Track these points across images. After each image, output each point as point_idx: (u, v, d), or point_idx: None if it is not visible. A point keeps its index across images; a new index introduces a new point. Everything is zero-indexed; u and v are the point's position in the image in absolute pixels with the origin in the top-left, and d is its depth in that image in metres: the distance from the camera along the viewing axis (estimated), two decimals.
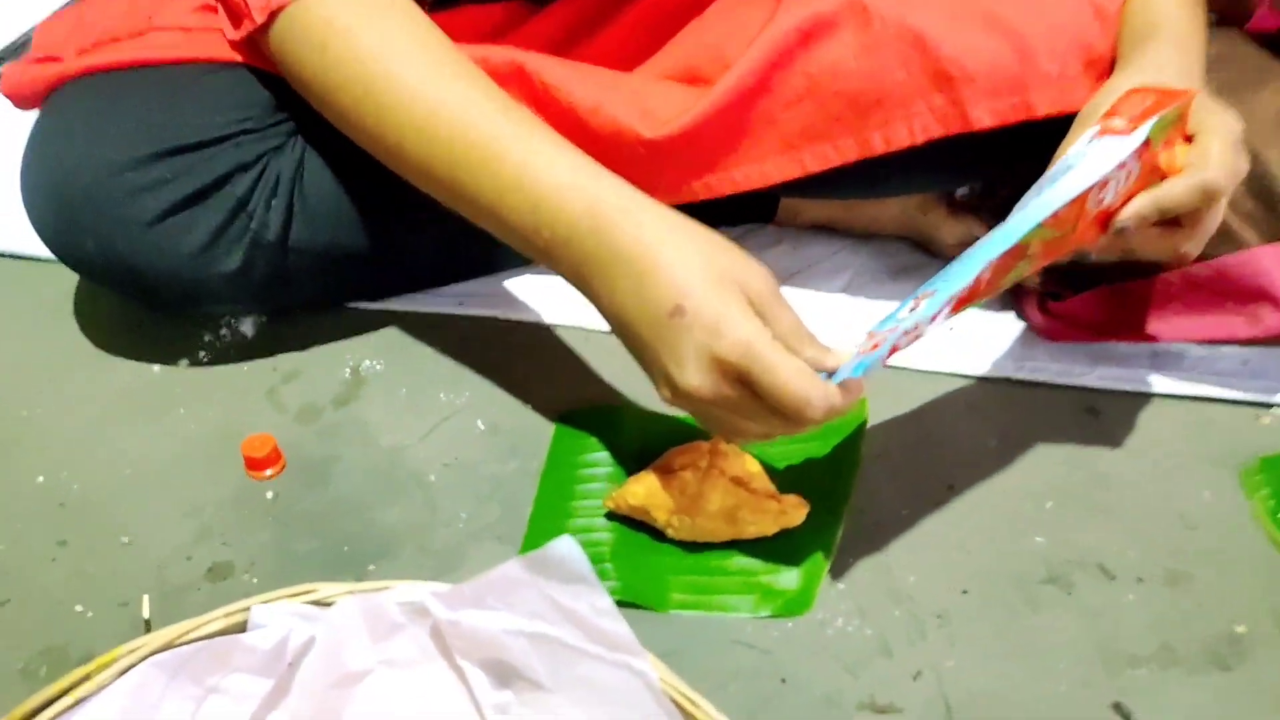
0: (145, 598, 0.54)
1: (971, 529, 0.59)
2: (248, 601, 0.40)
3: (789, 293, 0.76)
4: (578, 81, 0.67)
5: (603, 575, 0.55)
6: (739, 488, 0.56)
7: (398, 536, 0.58)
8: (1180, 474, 0.63)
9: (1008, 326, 0.74)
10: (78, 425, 0.64)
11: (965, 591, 0.56)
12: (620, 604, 0.53)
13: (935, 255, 0.79)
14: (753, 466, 0.57)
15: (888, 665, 0.52)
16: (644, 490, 0.56)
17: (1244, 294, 0.64)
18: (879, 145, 0.62)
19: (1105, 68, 0.60)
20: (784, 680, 0.52)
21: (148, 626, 0.52)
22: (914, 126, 0.61)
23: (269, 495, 0.60)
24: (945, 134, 0.61)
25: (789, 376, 0.46)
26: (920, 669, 0.52)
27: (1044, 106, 0.59)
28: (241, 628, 0.40)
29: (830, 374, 0.48)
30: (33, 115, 0.66)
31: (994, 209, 0.76)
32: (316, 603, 0.41)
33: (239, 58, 0.63)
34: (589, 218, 0.50)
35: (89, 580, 0.55)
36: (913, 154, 0.62)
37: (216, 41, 0.64)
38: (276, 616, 0.40)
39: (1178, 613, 0.55)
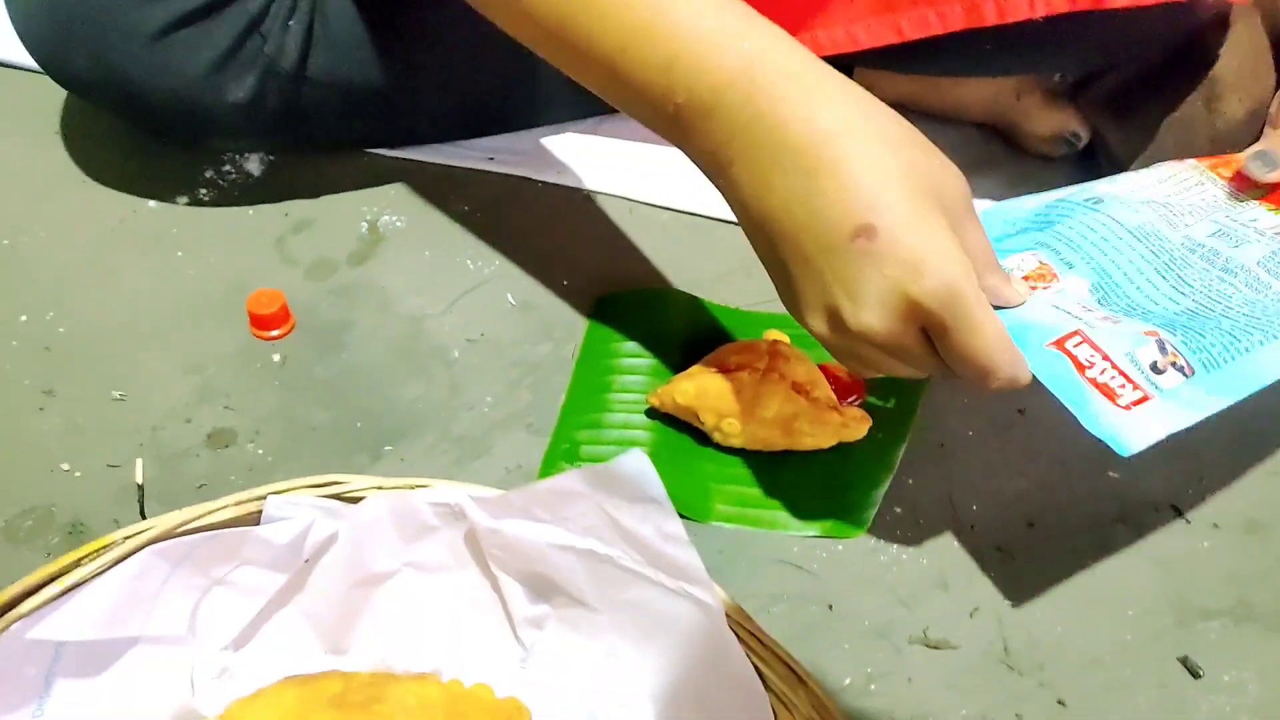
0: (139, 461, 0.49)
1: (1041, 457, 0.54)
2: (263, 490, 0.35)
3: None
4: None
5: None
6: (799, 395, 0.50)
7: (417, 416, 0.52)
8: (1267, 417, 0.58)
9: None
10: (65, 260, 0.57)
11: (1031, 524, 0.52)
12: None
13: (1019, 147, 0.72)
14: (815, 373, 0.52)
15: (944, 599, 0.48)
16: (694, 388, 0.51)
17: None
18: (991, 15, 0.54)
19: None
20: (831, 607, 0.48)
21: (140, 492, 0.47)
22: None
23: (276, 358, 0.54)
24: (1071, 9, 0.53)
25: (989, 341, 0.37)
26: (978, 605, 0.48)
27: None
28: (255, 519, 0.35)
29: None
30: None
31: (1099, 99, 0.68)
32: (340, 496, 0.35)
33: None
34: (744, 82, 0.38)
35: (78, 436, 0.50)
36: (1025, 30, 0.54)
37: None
38: (295, 509, 0.34)
39: (1257, 564, 0.51)
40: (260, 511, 0.35)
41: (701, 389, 0.50)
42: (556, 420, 0.53)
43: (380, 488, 0.35)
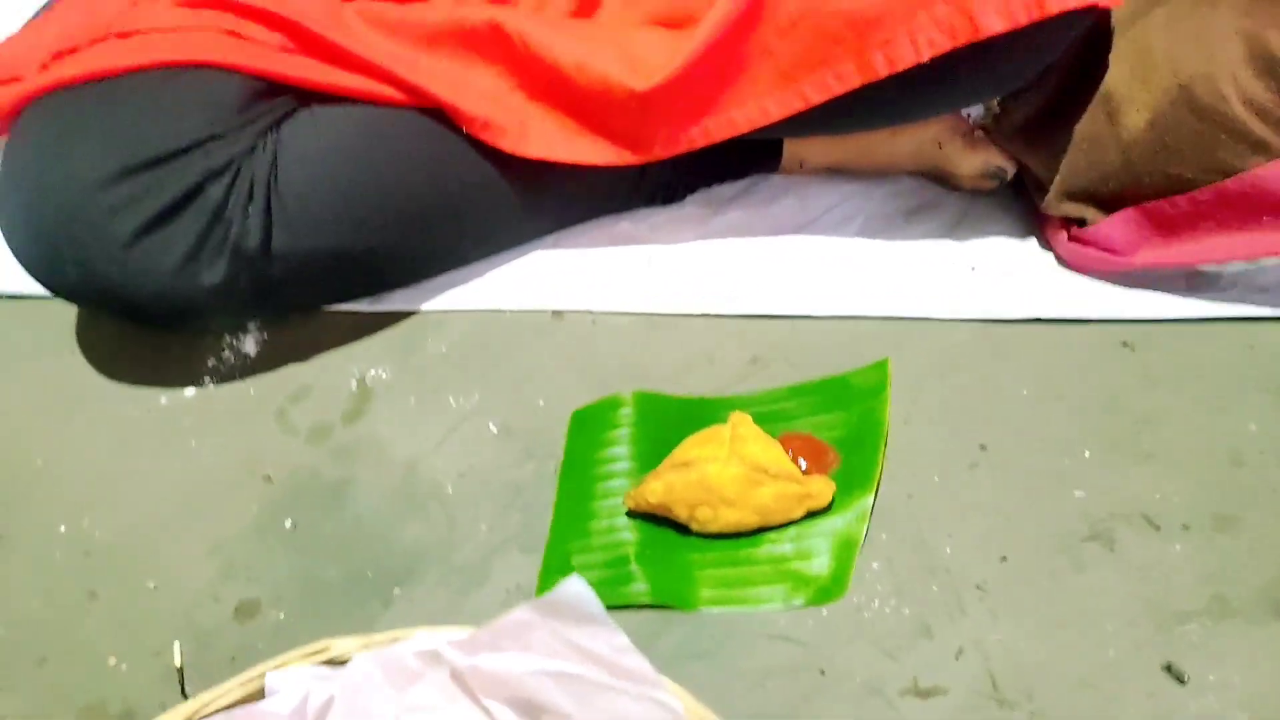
0: (176, 644, 0.54)
1: (1007, 489, 0.57)
2: (262, 667, 0.40)
3: (800, 245, 0.74)
4: (558, 37, 0.64)
5: (630, 578, 0.54)
6: (761, 474, 0.54)
7: (420, 555, 0.57)
8: (1224, 406, 0.60)
9: (1031, 259, 0.71)
10: (92, 467, 0.64)
11: (1004, 558, 0.54)
12: (651, 606, 0.53)
13: (953, 189, 0.75)
14: (774, 450, 0.55)
15: (929, 646, 0.51)
16: (663, 487, 0.54)
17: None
18: (882, 67, 0.58)
19: None
20: (823, 672, 0.50)
21: (180, 676, 0.52)
22: (919, 42, 0.57)
23: (287, 524, 0.59)
24: (954, 46, 0.56)
25: None
26: (963, 646, 0.51)
27: (1058, 2, 0.55)
28: (259, 694, 0.39)
29: None
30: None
31: (1011, 132, 0.72)
32: (331, 661, 0.40)
33: (204, 58, 0.61)
34: None
35: (121, 630, 0.55)
36: (919, 74, 0.58)
37: (179, 42, 0.61)
38: (293, 680, 0.39)
39: (1229, 560, 0.53)
40: (263, 688, 0.39)
41: (669, 486, 0.54)
42: (547, 537, 0.57)
43: (366, 646, 0.40)
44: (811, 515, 0.55)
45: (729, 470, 0.53)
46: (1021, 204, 0.74)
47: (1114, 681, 0.49)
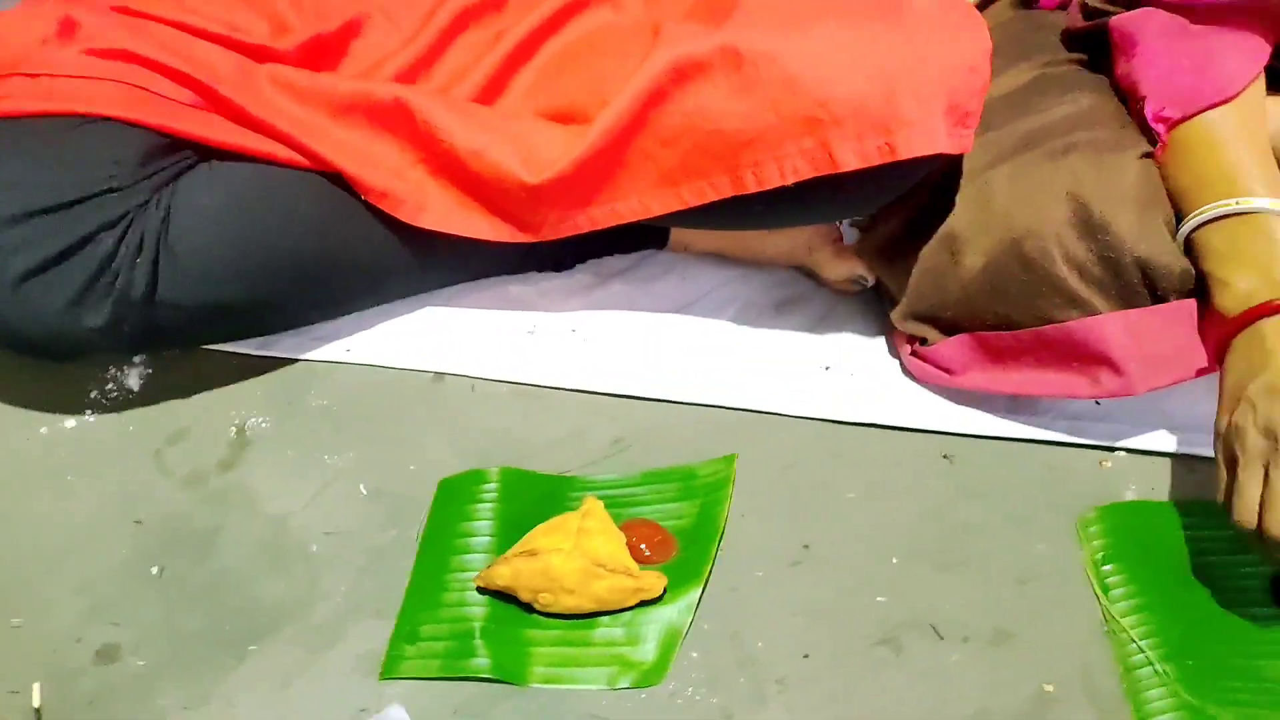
0: (36, 686, 0.57)
1: (820, 589, 0.64)
2: None
3: (676, 326, 0.80)
4: (460, 124, 0.68)
5: (473, 652, 0.59)
6: (600, 568, 0.59)
7: (279, 612, 0.61)
8: (1022, 524, 0.68)
9: (879, 363, 0.77)
10: None
11: (806, 656, 0.61)
12: (488, 679, 0.58)
13: (824, 286, 0.82)
14: (614, 545, 0.61)
15: None
16: (509, 572, 0.60)
17: (1087, 358, 0.68)
18: (751, 184, 0.64)
19: (972, 121, 0.62)
20: None
21: (38, 714, 0.56)
22: (785, 167, 0.63)
23: (154, 570, 0.63)
24: (815, 174, 0.63)
25: None
26: None
27: (906, 149, 0.61)
28: None
29: None
30: None
31: (872, 248, 0.78)
32: None
33: (110, 111, 0.63)
34: None
35: None
36: (784, 192, 0.64)
37: (87, 92, 0.63)
38: None
39: (996, 674, 0.61)
40: None
41: (516, 571, 0.60)
42: (401, 604, 0.62)
43: None
44: (644, 604, 0.61)
45: (571, 563, 0.59)
46: (880, 308, 0.81)
47: None
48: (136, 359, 0.72)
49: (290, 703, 0.57)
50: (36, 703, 0.56)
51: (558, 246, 0.79)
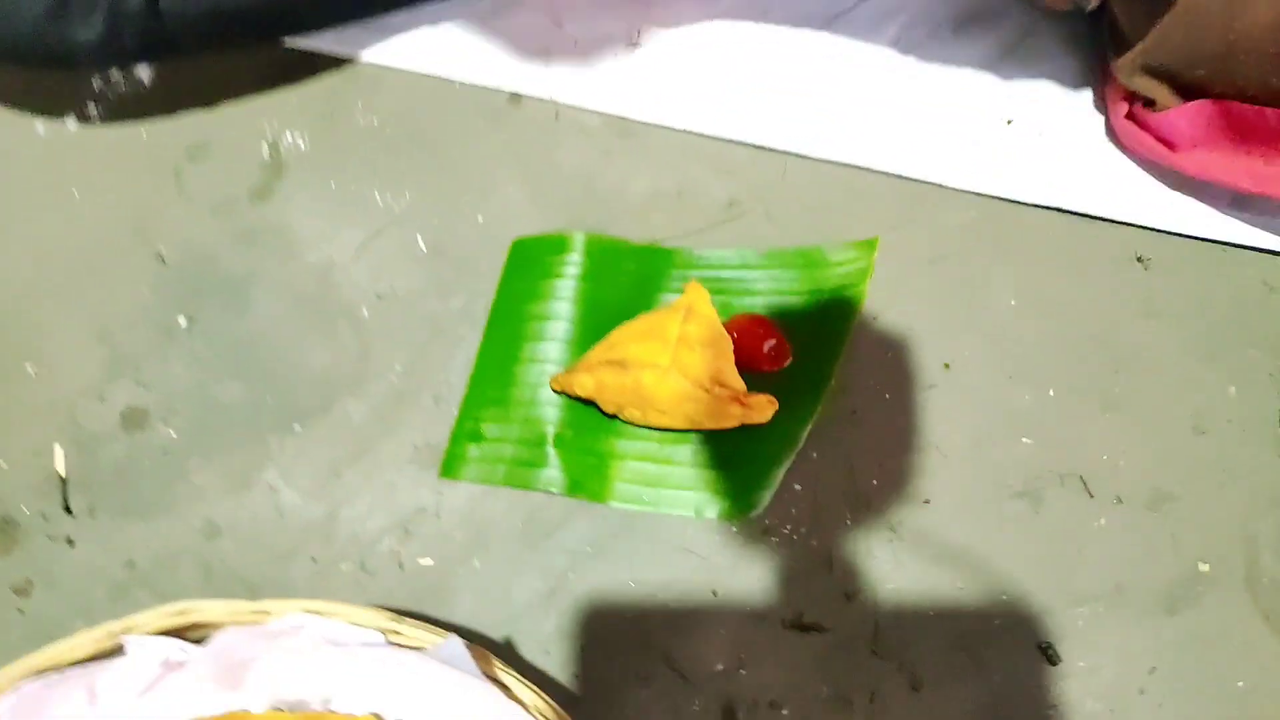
0: (58, 449, 0.51)
1: (955, 422, 0.54)
2: (118, 625, 0.37)
3: (818, 50, 0.62)
4: None
5: (544, 461, 0.52)
6: (700, 390, 0.49)
7: (326, 387, 0.53)
8: (1216, 358, 0.56)
9: (1077, 121, 0.60)
10: None
11: (927, 501, 0.53)
12: (563, 495, 0.51)
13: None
14: (721, 361, 0.50)
15: (826, 581, 0.51)
16: (593, 383, 0.50)
17: None
18: None
19: None
20: (715, 593, 0.51)
21: (64, 486, 0.50)
22: None
23: (182, 321, 0.54)
24: None
25: None
26: (858, 588, 0.51)
27: None
28: (113, 652, 0.38)
29: None
30: None
31: None
32: (194, 626, 0.37)
33: None
34: None
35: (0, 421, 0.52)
36: None
37: None
38: (150, 649, 0.37)
39: (1146, 544, 0.52)
40: (120, 645, 0.37)
41: (600, 384, 0.50)
42: (464, 393, 0.53)
43: (233, 616, 0.37)
44: (747, 426, 0.52)
45: (666, 383, 0.49)
46: (1092, 44, 0.62)
47: (992, 648, 0.50)
48: None
49: (341, 494, 0.51)
50: (61, 469, 0.50)
51: None
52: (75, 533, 0.50)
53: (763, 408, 0.51)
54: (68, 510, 0.50)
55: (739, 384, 0.50)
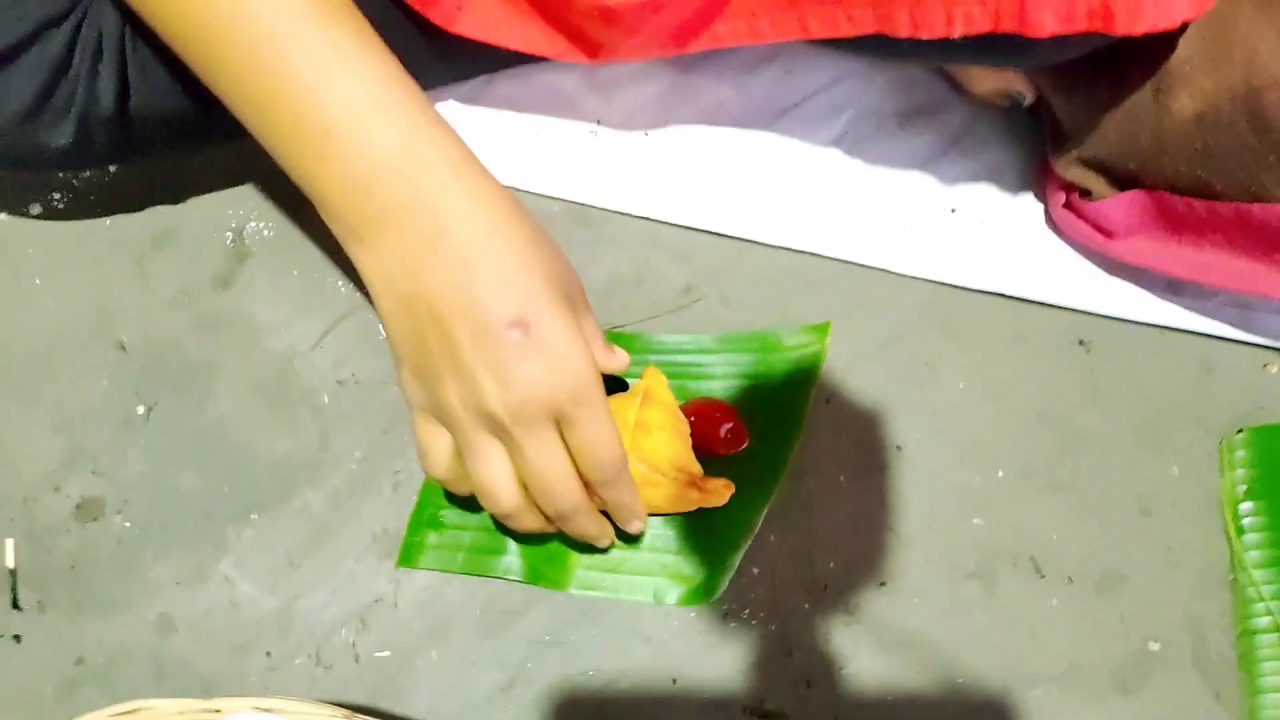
0: (9, 543, 0.50)
1: (909, 505, 0.55)
2: None
3: (772, 142, 0.64)
4: None
5: (502, 549, 0.52)
6: (657, 475, 0.50)
7: (285, 475, 0.53)
8: (1159, 439, 0.57)
9: (1017, 209, 0.63)
10: None
11: (883, 584, 0.53)
12: (522, 582, 0.51)
13: (961, 94, 0.65)
14: (675, 445, 0.51)
15: (786, 667, 0.51)
16: None
17: None
18: (904, 26, 0.47)
19: None
20: (675, 680, 0.51)
21: (13, 580, 0.50)
22: (955, 15, 0.46)
23: (140, 410, 0.54)
24: (992, 31, 0.46)
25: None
26: (817, 673, 0.51)
27: (1128, 19, 0.44)
28: None
29: None
30: None
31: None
32: None
33: None
34: (403, 162, 0.41)
35: None
36: (939, 40, 0.48)
37: None
38: None
39: (1097, 624, 0.53)
40: None
41: None
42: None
43: (182, 715, 0.37)
44: (702, 510, 0.52)
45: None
46: (1031, 136, 0.65)
47: None
48: None
49: (298, 585, 0.51)
50: (10, 563, 0.50)
51: None
52: (23, 628, 0.49)
53: (720, 492, 0.51)
54: (15, 605, 0.49)
55: (696, 468, 0.51)
